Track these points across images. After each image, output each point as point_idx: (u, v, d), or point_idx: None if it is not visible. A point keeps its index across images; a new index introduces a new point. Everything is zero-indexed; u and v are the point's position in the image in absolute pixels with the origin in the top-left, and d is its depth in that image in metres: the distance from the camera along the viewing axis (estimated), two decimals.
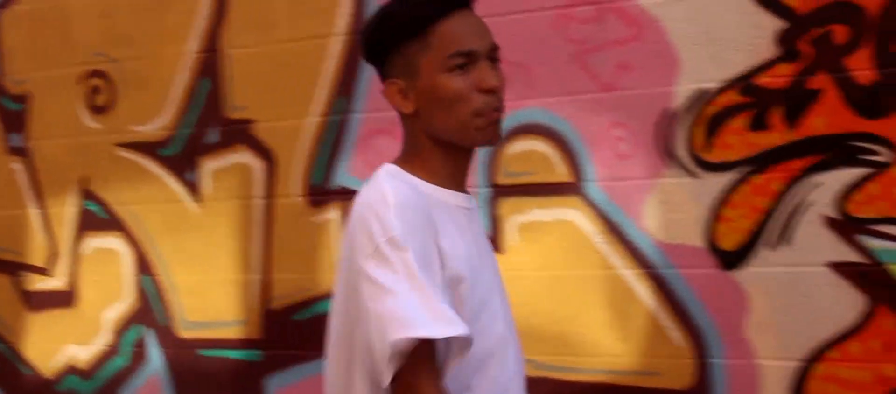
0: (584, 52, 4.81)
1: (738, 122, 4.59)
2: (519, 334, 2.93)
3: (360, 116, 5.21)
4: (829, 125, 4.44)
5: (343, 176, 5.30)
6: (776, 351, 4.53)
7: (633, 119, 4.72)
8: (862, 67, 4.38)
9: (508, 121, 4.74)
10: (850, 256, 4.41)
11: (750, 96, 4.57)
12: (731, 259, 4.61)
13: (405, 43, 2.70)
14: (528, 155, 4.94)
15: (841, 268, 4.46)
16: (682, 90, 4.64)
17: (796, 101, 4.48)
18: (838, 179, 4.37)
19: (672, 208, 4.66)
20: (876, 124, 4.36)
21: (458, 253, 2.62)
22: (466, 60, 2.66)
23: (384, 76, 2.76)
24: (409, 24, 2.68)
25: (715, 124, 4.63)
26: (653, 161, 4.68)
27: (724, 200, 4.60)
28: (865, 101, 4.38)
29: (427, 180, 2.72)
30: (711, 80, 4.59)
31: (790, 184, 4.49)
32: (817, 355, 4.49)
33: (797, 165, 4.50)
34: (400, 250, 2.51)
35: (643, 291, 4.74)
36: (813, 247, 4.47)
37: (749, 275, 4.56)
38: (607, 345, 4.81)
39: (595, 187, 4.80)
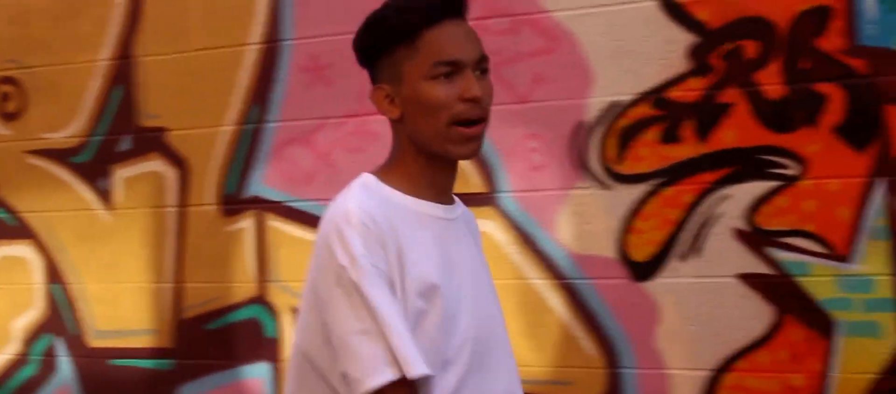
0: (498, 64, 4.83)
1: (651, 134, 4.67)
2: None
3: (275, 125, 5.24)
4: (739, 139, 4.53)
5: (257, 185, 5.30)
6: (686, 361, 4.60)
7: (546, 131, 4.78)
8: (771, 82, 4.47)
9: None
10: (759, 267, 4.50)
11: (662, 109, 4.65)
12: (643, 270, 4.68)
13: (393, 48, 2.70)
14: None
15: (750, 279, 4.54)
16: (596, 103, 4.71)
17: (707, 114, 4.57)
18: (748, 191, 4.46)
19: (585, 220, 4.73)
20: (785, 138, 4.45)
21: (430, 263, 2.63)
22: (451, 69, 2.66)
23: (373, 80, 2.77)
24: (397, 30, 2.68)
25: (627, 137, 4.71)
26: (566, 173, 4.75)
27: (636, 211, 4.67)
28: (775, 115, 4.47)
29: (403, 190, 2.72)
30: (624, 93, 4.67)
31: (701, 196, 4.57)
32: (726, 365, 4.58)
33: (708, 177, 4.58)
34: (362, 277, 2.54)
35: (556, 302, 4.80)
36: (723, 258, 4.56)
37: (660, 286, 4.64)
38: (520, 355, 4.80)
39: (509, 198, 4.85)
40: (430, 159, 2.71)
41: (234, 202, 5.37)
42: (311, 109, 5.19)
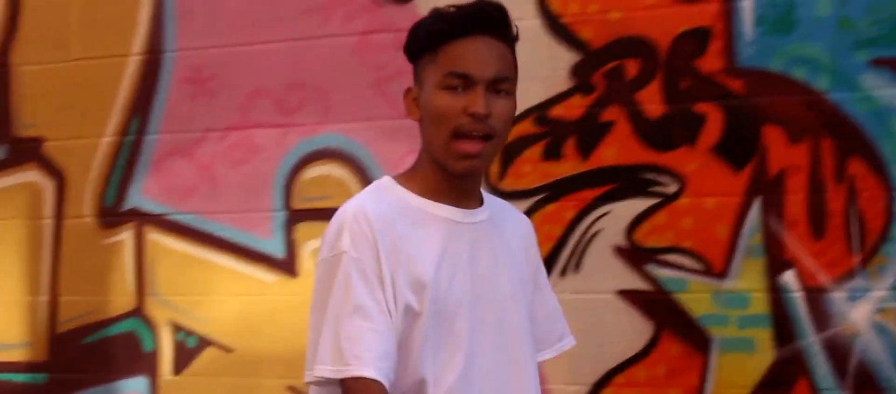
0: (382, 80, 4.90)
1: (533, 151, 4.74)
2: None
3: (156, 137, 5.24)
4: (619, 156, 4.61)
5: (136, 198, 5.30)
6: (566, 376, 4.67)
7: None
8: (652, 101, 4.56)
9: (305, 146, 4.85)
10: (638, 283, 4.58)
11: (545, 127, 4.72)
12: None
13: (422, 55, 2.82)
14: (324, 180, 5.03)
15: (628, 295, 4.62)
16: None
17: (589, 132, 4.64)
18: (628, 208, 4.55)
19: None
20: (664, 156, 4.54)
21: (426, 262, 2.70)
22: (461, 82, 2.72)
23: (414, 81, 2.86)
24: (426, 38, 2.79)
25: (510, 153, 4.76)
26: None
27: None
28: (655, 133, 4.55)
29: (418, 192, 2.79)
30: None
31: (582, 213, 4.64)
32: (605, 381, 4.65)
33: (589, 194, 4.66)
34: (343, 269, 2.62)
35: None
36: (602, 275, 4.64)
37: None
38: None
39: None
40: (440, 165, 2.76)
41: (112, 215, 5.35)
42: (193, 121, 5.18)
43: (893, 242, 4.24)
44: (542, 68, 4.67)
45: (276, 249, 5.07)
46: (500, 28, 2.81)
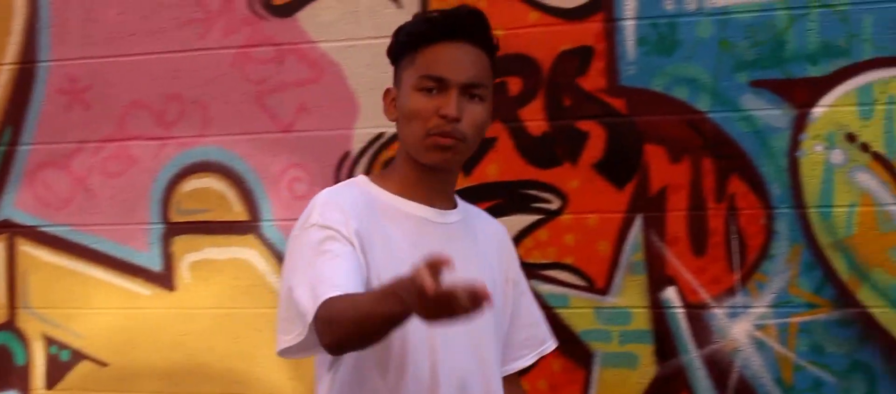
0: (262, 93, 4.57)
1: None
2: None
3: (29, 147, 4.83)
4: (502, 173, 4.36)
5: (9, 209, 4.90)
6: None
7: (311, 160, 4.51)
8: (534, 118, 4.32)
9: (183, 158, 4.52)
10: None
11: None
12: None
13: (402, 57, 2.83)
14: (203, 193, 4.68)
15: None
16: (361, 134, 4.47)
17: None
18: (510, 224, 4.25)
19: None
20: (547, 173, 4.31)
21: (391, 256, 2.65)
22: (436, 85, 2.73)
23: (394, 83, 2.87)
24: (406, 41, 2.80)
25: None
26: None
27: None
28: (537, 150, 4.31)
29: (391, 190, 2.81)
30: (389, 125, 4.39)
31: None
32: None
33: None
34: (308, 234, 2.66)
35: None
36: None
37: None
38: (281, 383, 4.58)
39: (271, 227, 4.56)
40: (417, 164, 2.78)
41: None
42: (68, 132, 4.80)
43: (773, 259, 4.05)
44: None
45: (152, 262, 4.71)
46: (478, 35, 2.82)
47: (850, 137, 3.97)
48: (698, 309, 4.15)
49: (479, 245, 2.89)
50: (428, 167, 2.79)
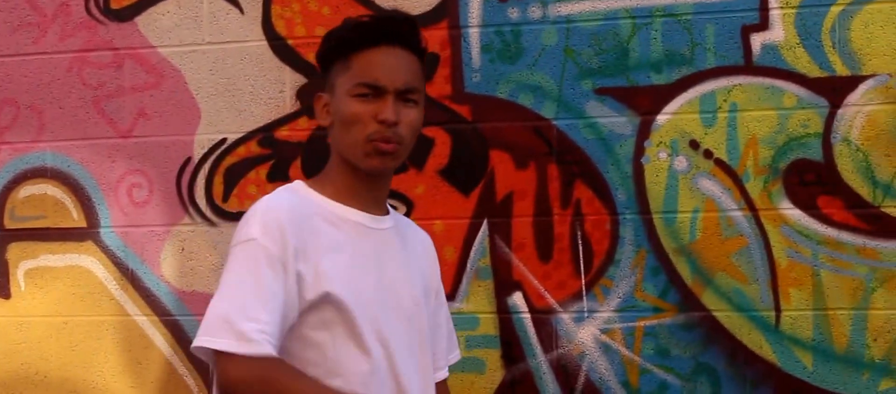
0: (100, 99, 3.72)
1: (259, 173, 3.74)
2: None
3: None
4: None
5: None
6: None
7: (151, 167, 3.70)
8: None
9: (18, 164, 3.69)
10: None
11: (270, 148, 3.67)
12: None
13: (334, 63, 2.40)
14: (39, 199, 3.83)
15: None
16: (202, 140, 3.69)
17: (315, 153, 3.65)
18: None
19: (189, 256, 3.67)
20: (393, 179, 3.47)
21: (332, 257, 2.27)
22: (371, 91, 2.33)
23: (321, 89, 2.45)
24: (338, 47, 2.38)
25: (234, 174, 3.74)
26: (171, 209, 3.70)
27: None
28: None
29: (328, 196, 2.37)
30: (232, 131, 3.64)
31: None
32: None
33: None
34: (246, 250, 2.23)
35: (159, 339, 3.71)
36: None
37: None
38: (120, 391, 3.76)
39: (110, 233, 3.73)
40: (352, 169, 2.36)
41: None
42: None
43: (618, 264, 3.44)
44: (268, 90, 3.65)
45: None
46: (409, 40, 2.39)
47: (694, 144, 3.36)
48: (545, 314, 3.52)
49: (409, 252, 2.46)
50: (365, 173, 2.36)
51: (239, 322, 2.14)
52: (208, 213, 3.73)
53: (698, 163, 3.39)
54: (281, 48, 3.67)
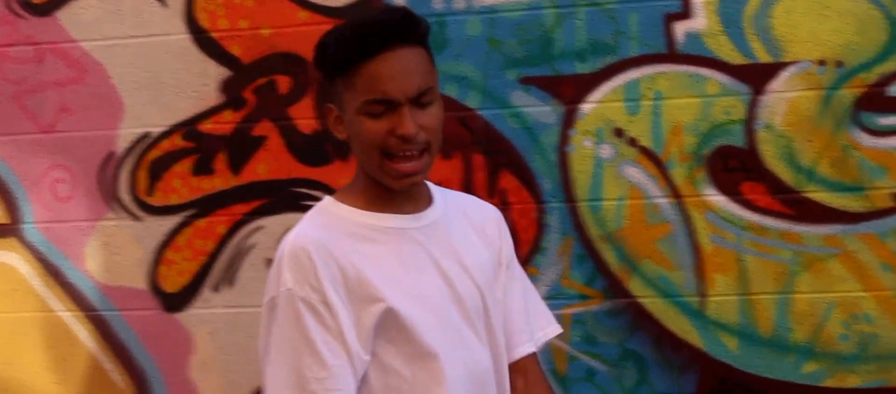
0: (22, 94, 3.15)
1: (183, 166, 3.19)
2: None
3: None
4: (271, 171, 3.14)
5: None
6: (220, 390, 3.17)
7: (74, 161, 3.14)
8: (303, 117, 3.13)
9: None
10: None
11: (194, 141, 3.14)
12: (175, 301, 3.16)
13: (336, 77, 1.81)
14: None
15: None
16: (126, 134, 3.17)
17: (240, 147, 3.14)
18: (280, 222, 3.11)
19: (114, 251, 3.12)
20: (317, 171, 3.12)
21: (377, 274, 1.77)
22: (383, 107, 1.76)
23: (327, 97, 1.88)
24: (336, 63, 1.80)
25: (159, 168, 3.21)
26: (95, 204, 3.15)
27: (168, 242, 3.13)
28: (307, 148, 3.11)
29: (360, 207, 1.85)
30: (156, 124, 3.10)
31: (234, 227, 3.12)
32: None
33: (241, 208, 3.17)
34: (286, 304, 1.73)
35: (84, 334, 3.19)
36: (256, 289, 3.14)
37: (192, 317, 3.17)
38: (45, 388, 3.20)
39: (33, 229, 3.17)
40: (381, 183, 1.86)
41: None
42: None
43: (544, 253, 2.99)
44: (192, 83, 3.12)
45: None
46: (409, 34, 1.79)
47: (618, 132, 2.90)
48: None
49: (465, 235, 1.92)
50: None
51: (305, 386, 1.72)
52: (132, 207, 3.17)
53: (623, 151, 2.92)
54: (204, 41, 3.13)
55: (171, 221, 3.15)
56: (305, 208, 3.03)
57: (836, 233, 2.84)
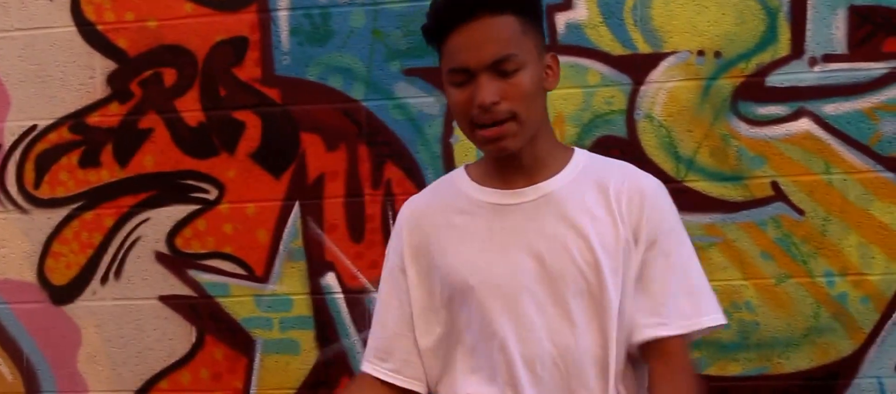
0: None
1: (70, 159, 2.81)
2: None
3: None
4: (158, 163, 2.77)
5: None
6: (108, 383, 2.79)
7: None
8: (190, 109, 2.75)
9: None
10: (180, 289, 2.77)
11: (81, 134, 2.75)
12: (63, 294, 2.78)
13: (436, 50, 1.64)
14: None
15: (171, 300, 2.78)
16: (12, 127, 2.76)
17: (127, 139, 2.78)
18: (168, 215, 2.71)
19: (2, 244, 2.74)
20: (204, 163, 2.75)
21: (460, 251, 1.61)
22: (464, 77, 1.57)
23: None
24: (429, 37, 1.63)
25: (45, 161, 2.81)
26: None
27: (55, 235, 2.74)
28: (194, 141, 2.74)
29: (476, 178, 1.67)
30: (42, 117, 2.71)
31: (121, 220, 2.74)
32: (148, 386, 2.79)
33: (128, 201, 2.79)
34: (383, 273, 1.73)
35: None
36: (143, 281, 2.79)
37: (80, 309, 2.79)
38: None
39: None
40: None
41: None
42: None
43: None
44: (79, 76, 2.75)
45: None
46: (490, 4, 1.54)
47: None
48: (357, 294, 2.70)
49: (580, 212, 1.60)
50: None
51: (368, 345, 1.76)
52: (20, 200, 2.77)
53: None
54: (90, 34, 2.74)
55: (58, 214, 2.75)
56: (194, 201, 2.68)
57: (716, 222, 2.50)
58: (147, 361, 2.75)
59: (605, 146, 2.52)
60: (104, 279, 2.75)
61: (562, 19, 2.54)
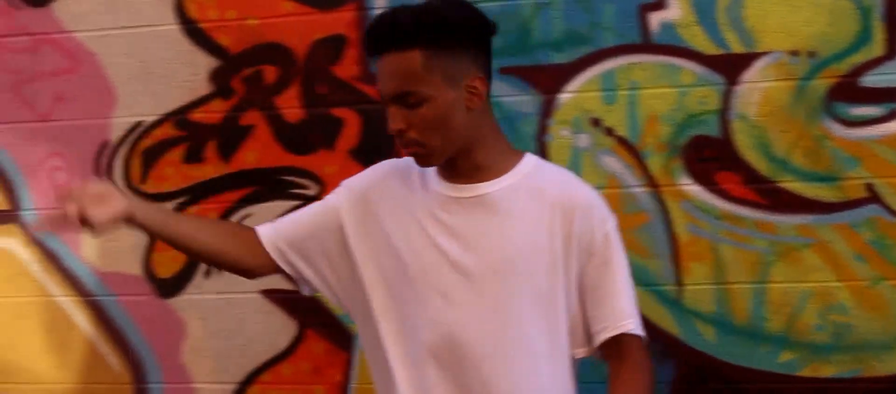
0: (19, 83, 3.75)
1: (174, 154, 3.74)
2: None
3: None
4: (260, 159, 3.67)
5: None
6: (212, 375, 3.71)
7: (70, 149, 3.76)
8: (290, 106, 3.63)
9: None
10: (281, 284, 3.54)
11: (185, 130, 3.70)
12: (168, 287, 3.76)
13: None
14: None
15: (272, 295, 3.69)
16: (119, 123, 3.75)
17: (230, 136, 3.69)
18: (270, 210, 3.64)
19: (110, 237, 3.72)
20: (304, 159, 3.63)
21: (396, 229, 2.44)
22: (386, 102, 2.37)
23: None
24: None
25: (151, 157, 3.76)
26: None
27: None
28: (294, 137, 3.63)
29: (441, 168, 2.47)
30: (148, 113, 3.68)
31: (225, 215, 3.72)
32: (251, 379, 3.73)
33: (231, 196, 3.70)
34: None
35: (81, 319, 3.78)
36: None
37: (185, 302, 3.74)
38: (44, 372, 3.80)
39: (33, 216, 3.74)
40: None
41: None
42: None
43: None
44: (182, 73, 3.71)
45: None
46: (398, 39, 2.28)
47: (595, 122, 3.40)
48: None
49: (510, 216, 2.39)
50: None
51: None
52: (127, 194, 3.75)
53: (600, 140, 3.40)
54: (194, 31, 3.68)
55: None
56: (294, 196, 3.63)
57: (810, 223, 3.31)
58: (249, 354, 3.69)
59: (699, 146, 3.35)
60: (208, 273, 3.74)
61: (655, 19, 3.37)
